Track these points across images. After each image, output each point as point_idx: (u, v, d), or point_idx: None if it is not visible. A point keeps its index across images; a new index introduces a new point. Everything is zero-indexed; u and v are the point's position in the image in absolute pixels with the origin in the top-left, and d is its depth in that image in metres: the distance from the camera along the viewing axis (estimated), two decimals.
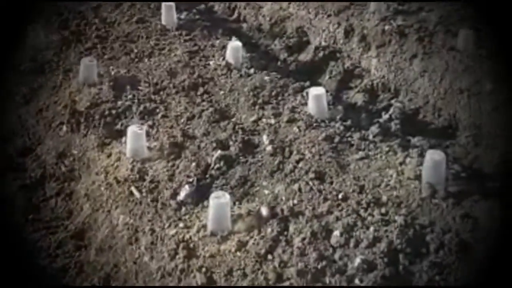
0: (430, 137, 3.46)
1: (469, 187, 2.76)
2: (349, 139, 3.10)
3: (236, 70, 3.69)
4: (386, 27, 4.25)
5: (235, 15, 4.94)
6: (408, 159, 2.92)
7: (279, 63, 4.27)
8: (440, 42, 4.02)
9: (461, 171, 2.90)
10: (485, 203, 2.65)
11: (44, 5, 4.52)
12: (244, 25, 4.84)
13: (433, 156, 2.74)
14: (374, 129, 3.21)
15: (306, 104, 3.32)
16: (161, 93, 3.52)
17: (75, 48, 4.11)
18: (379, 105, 3.79)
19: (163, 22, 4.36)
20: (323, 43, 4.40)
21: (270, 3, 4.85)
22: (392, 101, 3.83)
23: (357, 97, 3.86)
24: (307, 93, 3.35)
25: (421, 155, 2.88)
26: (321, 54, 4.30)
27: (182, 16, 4.51)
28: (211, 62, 3.78)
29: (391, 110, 3.65)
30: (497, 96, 3.52)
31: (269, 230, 2.48)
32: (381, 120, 3.51)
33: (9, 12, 4.25)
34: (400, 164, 2.90)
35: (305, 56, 4.35)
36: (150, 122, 3.23)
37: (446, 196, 2.66)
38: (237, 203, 2.67)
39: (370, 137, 3.14)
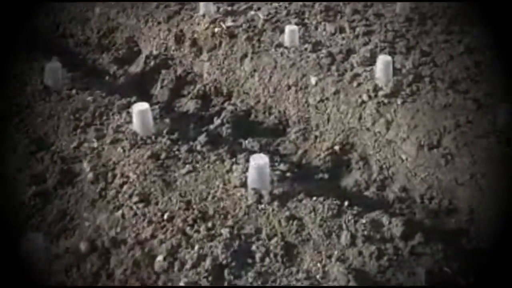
0: (262, 137, 3.49)
1: (294, 187, 2.80)
2: (177, 153, 3.02)
3: (56, 93, 3.46)
4: (216, 29, 4.22)
5: (60, 30, 4.66)
6: (234, 166, 2.90)
7: (107, 78, 4.09)
8: (268, 40, 4.05)
9: (287, 171, 2.93)
10: (310, 201, 2.69)
11: None
12: (70, 41, 4.58)
13: (257, 160, 2.74)
14: (202, 138, 3.16)
15: (131, 121, 3.19)
16: None
17: None
18: (212, 110, 3.75)
19: None
20: (154, 52, 4.27)
21: (97, 14, 4.63)
22: (225, 104, 3.80)
23: (190, 105, 3.79)
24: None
25: (248, 160, 2.86)
26: (152, 63, 4.18)
27: None
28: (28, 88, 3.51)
29: (223, 114, 3.62)
30: (322, 89, 3.61)
31: (88, 266, 2.33)
32: (212, 127, 3.47)
33: None
34: (227, 172, 2.87)
35: (136, 67, 4.21)
36: None
37: (272, 200, 2.67)
38: (54, 241, 2.49)
39: (198, 147, 3.08)
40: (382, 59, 3.56)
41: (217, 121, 3.54)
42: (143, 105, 3.17)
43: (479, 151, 3.05)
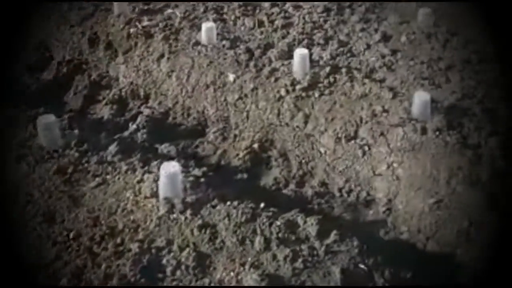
0: (180, 140, 3.39)
1: (208, 193, 2.72)
2: (86, 165, 2.89)
3: None
4: (132, 30, 4.07)
5: None
6: (146, 176, 2.79)
7: (18, 87, 3.89)
8: (186, 39, 3.94)
9: (201, 176, 2.85)
10: (224, 206, 2.62)
11: None
12: None
13: (167, 169, 2.64)
14: (113, 148, 3.03)
15: (37, 135, 3.03)
16: None
17: None
18: (128, 115, 3.62)
19: None
20: (68, 57, 4.10)
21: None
22: (142, 108, 3.68)
23: (104, 111, 3.64)
24: None
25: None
26: (65, 69, 4.00)
27: None
28: None
29: (139, 119, 3.50)
30: (240, 86, 3.53)
31: None
32: (126, 133, 3.35)
33: None
34: (138, 182, 2.77)
35: (48, 74, 4.02)
36: None
37: (184, 209, 2.59)
38: None
39: (109, 157, 2.96)
40: (298, 53, 3.50)
41: (132, 127, 3.41)
42: (49, 117, 3.02)
43: (395, 140, 3.05)
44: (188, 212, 2.57)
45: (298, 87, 3.41)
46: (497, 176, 2.84)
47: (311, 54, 3.58)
